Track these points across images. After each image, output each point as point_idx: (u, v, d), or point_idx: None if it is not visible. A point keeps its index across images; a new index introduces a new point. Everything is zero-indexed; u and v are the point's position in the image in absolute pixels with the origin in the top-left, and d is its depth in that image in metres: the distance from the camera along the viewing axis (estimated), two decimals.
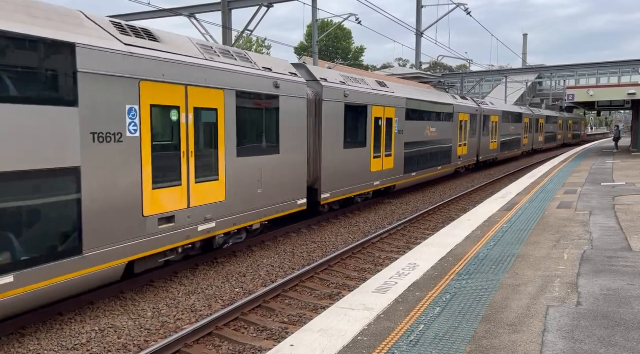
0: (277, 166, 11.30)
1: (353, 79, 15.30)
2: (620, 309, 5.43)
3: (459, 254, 7.83)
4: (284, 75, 11.52)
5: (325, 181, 13.46)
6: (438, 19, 45.58)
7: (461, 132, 24.23)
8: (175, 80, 8.39)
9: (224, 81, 9.53)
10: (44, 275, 6.51)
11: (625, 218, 10.39)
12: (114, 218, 7.45)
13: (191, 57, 8.87)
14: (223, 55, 9.91)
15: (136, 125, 7.80)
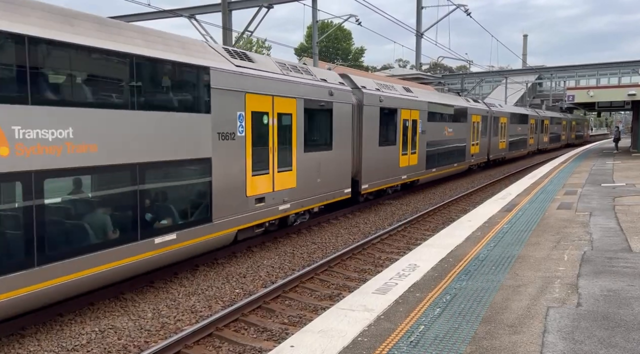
0: (330, 160, 13.63)
1: (385, 85, 17.56)
2: (621, 310, 5.43)
3: (459, 255, 7.83)
4: (335, 85, 13.87)
5: (365, 173, 15.65)
6: (438, 20, 45.61)
7: (474, 132, 26.22)
8: (266, 92, 10.83)
9: (296, 91, 11.88)
10: (191, 235, 8.92)
11: (625, 219, 10.39)
12: (229, 196, 9.87)
13: (274, 73, 11.25)
14: (293, 70, 12.28)
15: (243, 127, 10.16)
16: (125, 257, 7.69)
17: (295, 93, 11.81)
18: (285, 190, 11.66)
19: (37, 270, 6.48)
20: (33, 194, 6.42)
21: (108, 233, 7.55)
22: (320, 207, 13.61)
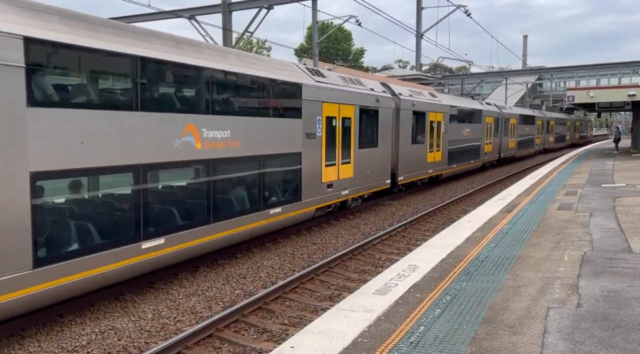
0: (376, 156, 16.38)
1: (415, 92, 20.73)
2: (621, 310, 5.42)
3: (459, 256, 7.83)
4: (380, 93, 16.73)
5: (401, 167, 18.42)
6: (438, 21, 45.55)
7: (487, 132, 28.89)
8: (334, 101, 13.61)
9: (354, 99, 14.67)
10: (289, 209, 11.79)
11: (625, 219, 10.39)
12: (311, 182, 12.72)
13: (339, 86, 14.11)
14: (350, 82, 15.14)
15: (320, 128, 13.00)
16: (254, 222, 10.62)
17: (353, 101, 14.66)
18: (346, 179, 14.55)
19: (211, 226, 9.40)
20: (210, 174, 9.41)
21: (246, 204, 10.48)
22: (369, 194, 16.58)
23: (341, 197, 14.36)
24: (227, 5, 19.79)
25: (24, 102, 6.30)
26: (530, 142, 40.22)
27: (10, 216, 6.19)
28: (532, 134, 40.84)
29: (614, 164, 24.53)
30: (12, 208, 6.22)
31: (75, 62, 7.15)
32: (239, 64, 10.21)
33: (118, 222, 7.74)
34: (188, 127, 8.81)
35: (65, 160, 6.82)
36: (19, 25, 6.28)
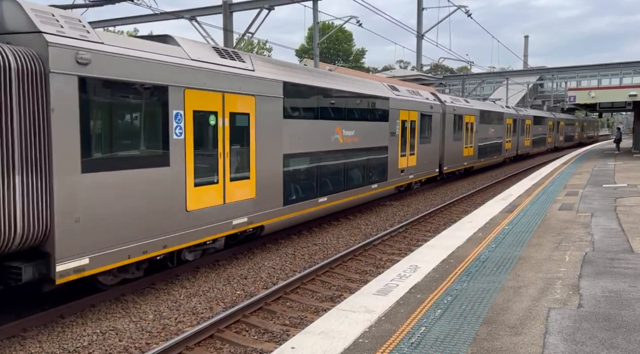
0: (430, 150, 20.89)
1: (455, 99, 25.58)
2: (622, 311, 5.42)
3: (460, 256, 7.82)
4: (432, 101, 21.22)
5: (445, 159, 22.72)
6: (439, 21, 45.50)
7: (507, 132, 33.40)
8: (405, 108, 18.28)
9: (417, 107, 19.28)
10: (380, 186, 16.35)
11: (626, 220, 10.38)
12: (392, 167, 17.25)
13: (408, 97, 18.77)
14: (414, 93, 19.93)
15: (397, 128, 17.46)
16: (364, 193, 15.54)
17: (416, 108, 19.28)
18: (411, 166, 19.06)
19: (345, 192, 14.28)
20: (345, 159, 14.22)
21: (361, 179, 15.25)
22: (425, 179, 21.23)
23: (409, 180, 19.08)
24: (228, 6, 19.81)
25: (281, 116, 11.33)
26: (543, 141, 45.09)
27: (277, 178, 11.34)
28: (545, 133, 45.71)
29: (615, 164, 24.50)
30: (278, 174, 11.36)
31: (300, 94, 12.24)
32: (356, 86, 15.15)
33: (312, 185, 12.81)
34: (337, 129, 13.75)
35: (294, 148, 11.94)
36: (281, 75, 11.47)
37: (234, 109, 9.87)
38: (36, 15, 6.80)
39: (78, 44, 6.95)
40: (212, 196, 9.39)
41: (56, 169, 6.74)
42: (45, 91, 6.63)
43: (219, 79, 9.32)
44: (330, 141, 13.34)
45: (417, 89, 22.03)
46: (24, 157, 6.44)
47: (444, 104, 22.53)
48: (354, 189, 14.72)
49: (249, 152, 10.36)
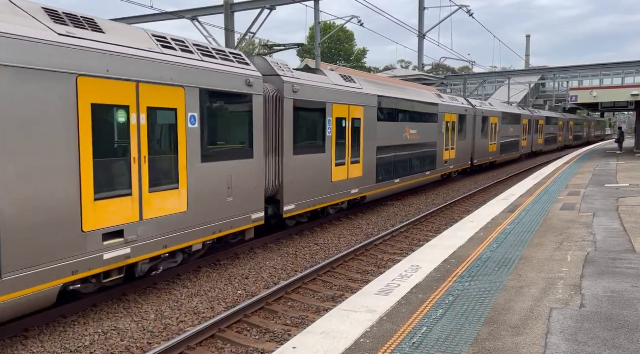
0: (465, 146, 25.01)
1: (482, 103, 29.80)
2: (624, 311, 5.41)
3: (461, 256, 7.81)
4: (467, 105, 25.48)
5: (476, 154, 26.96)
6: (440, 21, 45.46)
7: (524, 131, 37.62)
8: (449, 112, 22.04)
9: (456, 110, 23.26)
10: (432, 174, 20.64)
11: (629, 220, 10.36)
12: (439, 159, 21.12)
13: (449, 103, 22.60)
14: (453, 100, 24.05)
15: (443, 127, 21.41)
16: (420, 178, 19.41)
17: (456, 111, 23.48)
18: (452, 159, 23.21)
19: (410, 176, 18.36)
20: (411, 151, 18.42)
21: (419, 168, 19.17)
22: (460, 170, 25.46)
23: (450, 170, 23.18)
24: (230, 6, 19.81)
25: (376, 120, 15.66)
26: (554, 140, 49.30)
27: (373, 163, 15.61)
28: (556, 133, 49.93)
29: (617, 164, 24.45)
30: (374, 161, 15.62)
31: (386, 103, 16.32)
32: (417, 95, 19.47)
33: (391, 169, 16.95)
34: (406, 129, 18.04)
35: (383, 141, 16.20)
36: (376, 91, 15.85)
37: (354, 115, 14.71)
38: (275, 65, 11.73)
39: (293, 80, 11.85)
40: (342, 173, 14.19)
41: (285, 152, 11.57)
42: (281, 108, 11.44)
43: (347, 96, 14.13)
44: (402, 137, 17.87)
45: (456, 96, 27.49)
46: (273, 146, 11.35)
47: (474, 108, 26.88)
48: (415, 174, 19.10)
49: (360, 145, 15.03)
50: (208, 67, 9.06)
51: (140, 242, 7.82)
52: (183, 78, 8.45)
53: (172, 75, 8.27)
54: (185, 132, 8.59)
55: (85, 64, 6.88)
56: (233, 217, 9.85)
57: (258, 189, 10.58)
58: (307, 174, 12.39)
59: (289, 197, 11.77)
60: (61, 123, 6.60)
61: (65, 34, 6.78)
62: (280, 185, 11.55)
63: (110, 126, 7.35)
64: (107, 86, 7.22)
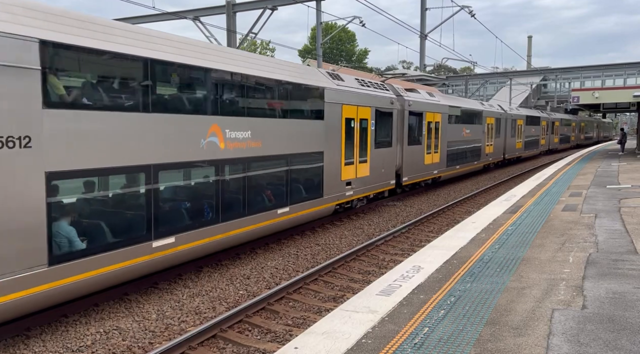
0: (498, 143, 30.49)
1: (511, 108, 35.95)
2: (626, 312, 5.40)
3: (463, 257, 7.81)
4: (499, 110, 31.22)
5: (506, 150, 32.88)
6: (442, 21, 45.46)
7: (542, 131, 43.90)
8: (491, 116, 29.19)
9: (493, 115, 29.25)
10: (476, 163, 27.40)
11: (630, 221, 10.34)
12: (482, 152, 28.09)
13: (489, 108, 29.39)
14: (490, 106, 30.46)
15: (485, 128, 28.04)
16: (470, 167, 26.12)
17: (493, 115, 29.01)
18: (490, 153, 28.93)
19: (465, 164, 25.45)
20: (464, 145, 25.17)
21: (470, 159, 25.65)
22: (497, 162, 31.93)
23: (489, 161, 29.59)
24: (232, 7, 19.83)
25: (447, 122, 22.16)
26: (567, 139, 54.99)
27: (445, 153, 22.02)
28: (570, 133, 56.10)
29: (619, 165, 24.42)
30: (445, 152, 22.00)
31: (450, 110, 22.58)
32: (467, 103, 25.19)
33: (454, 158, 22.74)
34: (463, 129, 24.04)
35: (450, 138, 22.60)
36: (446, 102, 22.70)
37: (436, 119, 20.81)
38: (400, 89, 18.18)
39: (408, 99, 18.29)
40: (430, 159, 20.50)
41: (404, 144, 18.00)
42: (403, 116, 17.75)
43: (433, 107, 20.54)
44: (461, 135, 23.67)
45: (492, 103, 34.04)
46: (398, 140, 17.59)
47: (506, 112, 32.81)
48: (468, 162, 25.35)
49: (439, 140, 21.25)
50: (377, 95, 15.89)
51: (356, 189, 14.84)
52: (370, 102, 15.33)
53: (366, 101, 15.15)
54: (369, 131, 15.38)
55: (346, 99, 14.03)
56: (383, 181, 16.72)
57: (392, 166, 17.31)
58: (413, 158, 18.97)
59: (405, 172, 18.40)
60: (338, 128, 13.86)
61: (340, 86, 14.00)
62: (401, 164, 18.10)
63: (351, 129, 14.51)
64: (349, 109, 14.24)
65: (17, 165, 6.16)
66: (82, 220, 7.17)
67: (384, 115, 16.25)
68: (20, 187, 6.21)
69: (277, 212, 11.08)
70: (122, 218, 7.72)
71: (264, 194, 10.91)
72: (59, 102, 6.72)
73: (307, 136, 12.18)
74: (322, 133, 12.80)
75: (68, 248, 6.88)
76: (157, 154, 7.99)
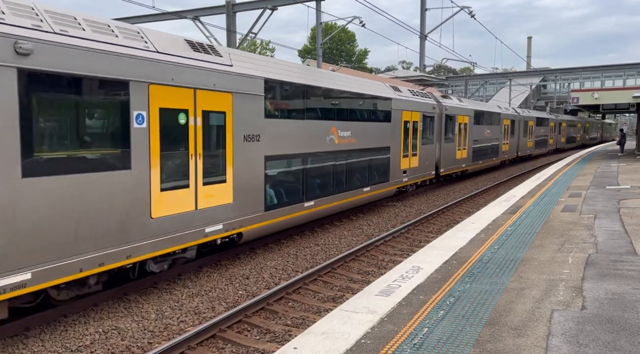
0: (513, 142, 34.80)
1: (523, 110, 39.54)
2: (625, 313, 5.40)
3: (462, 257, 7.81)
4: (514, 112, 35.11)
5: (519, 148, 36.37)
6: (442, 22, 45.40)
7: (551, 131, 47.71)
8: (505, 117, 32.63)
9: (508, 117, 32.93)
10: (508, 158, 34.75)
11: (630, 222, 10.35)
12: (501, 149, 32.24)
13: (514, 113, 35.43)
14: (506, 110, 33.45)
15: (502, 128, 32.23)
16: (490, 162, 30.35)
17: (508, 117, 32.43)
18: (506, 151, 32.57)
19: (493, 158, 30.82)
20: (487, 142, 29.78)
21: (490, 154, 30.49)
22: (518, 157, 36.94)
23: (505, 158, 33.28)
24: (231, 6, 19.82)
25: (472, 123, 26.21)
26: (573, 139, 59.26)
27: (471, 150, 25.97)
28: (575, 133, 60.37)
29: (618, 166, 24.44)
30: (471, 149, 25.94)
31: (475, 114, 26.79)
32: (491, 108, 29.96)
33: (478, 154, 26.98)
34: (485, 129, 28.21)
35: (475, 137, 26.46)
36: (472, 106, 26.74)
37: (464, 121, 24.57)
38: (438, 96, 22.66)
39: (445, 104, 22.20)
40: (459, 154, 24.14)
41: (442, 142, 21.77)
42: (441, 120, 21.65)
43: (461, 110, 24.07)
44: (483, 134, 27.93)
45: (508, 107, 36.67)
46: (437, 138, 21.31)
47: (519, 114, 36.40)
48: (488, 158, 29.43)
49: (466, 138, 24.96)
50: (423, 102, 19.61)
51: (409, 177, 18.51)
52: (419, 108, 19.05)
53: (417, 107, 18.90)
54: (419, 131, 19.08)
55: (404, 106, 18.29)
56: (427, 172, 20.38)
57: (433, 159, 20.88)
58: (447, 153, 22.56)
59: (442, 165, 21.96)
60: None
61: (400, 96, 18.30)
62: (439, 158, 21.61)
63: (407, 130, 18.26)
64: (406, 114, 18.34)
65: (255, 151, 10.37)
66: (277, 186, 11.21)
67: (428, 118, 20.18)
68: (256, 163, 10.44)
69: (363, 190, 15.04)
70: (294, 186, 11.87)
71: (358, 176, 14.77)
72: (270, 115, 10.89)
73: (381, 134, 16.09)
74: (389, 132, 16.65)
75: (270, 202, 10.97)
76: (307, 146, 12.22)
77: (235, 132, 9.69)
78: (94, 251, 7.06)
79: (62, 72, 6.62)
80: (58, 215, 6.59)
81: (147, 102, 7.85)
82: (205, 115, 8.99)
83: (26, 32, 6.22)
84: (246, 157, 10.05)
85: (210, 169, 9.17)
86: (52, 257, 6.53)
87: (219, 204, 9.37)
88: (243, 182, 9.92)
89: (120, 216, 7.43)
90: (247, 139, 10.08)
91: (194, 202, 8.80)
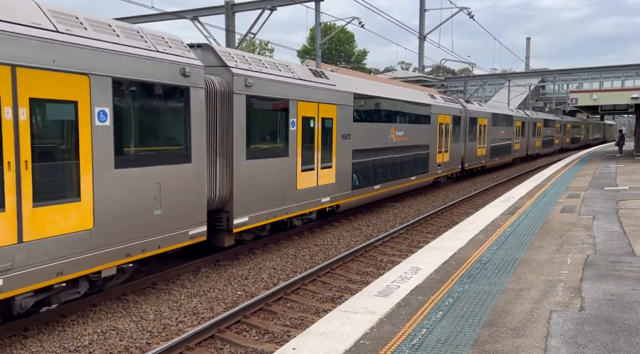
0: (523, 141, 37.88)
1: (532, 113, 41.44)
2: (624, 314, 5.40)
3: (461, 258, 7.81)
4: (524, 115, 38.12)
5: (529, 147, 40.06)
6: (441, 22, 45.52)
7: (556, 132, 49.95)
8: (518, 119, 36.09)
9: (520, 119, 36.80)
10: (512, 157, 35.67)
11: (628, 223, 10.36)
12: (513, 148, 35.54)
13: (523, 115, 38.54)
14: (517, 111, 38.16)
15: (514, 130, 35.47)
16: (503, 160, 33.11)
17: (520, 119, 35.55)
18: (517, 149, 35.30)
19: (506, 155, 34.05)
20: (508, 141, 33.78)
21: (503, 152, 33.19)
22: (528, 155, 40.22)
23: (517, 156, 35.86)
24: (230, 7, 19.81)
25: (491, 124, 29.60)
26: (577, 139, 62.52)
27: (488, 149, 29.12)
28: (579, 134, 64.16)
29: (617, 167, 24.47)
30: (488, 148, 29.07)
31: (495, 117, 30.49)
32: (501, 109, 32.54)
33: (493, 153, 29.86)
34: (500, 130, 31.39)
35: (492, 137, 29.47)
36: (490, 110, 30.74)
37: (482, 123, 26.88)
38: (462, 101, 26.38)
39: (468, 107, 25.75)
40: (479, 152, 27.14)
41: (466, 140, 25.22)
42: (466, 122, 25.28)
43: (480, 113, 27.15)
44: (498, 135, 30.46)
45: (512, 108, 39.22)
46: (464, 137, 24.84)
47: (528, 116, 39.14)
48: (502, 157, 31.92)
49: (485, 138, 27.59)
50: (453, 107, 22.67)
51: (442, 169, 22.00)
52: (450, 112, 22.09)
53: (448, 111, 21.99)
54: (449, 132, 22.30)
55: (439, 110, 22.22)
56: (455, 166, 23.57)
57: (459, 155, 23.98)
58: (470, 151, 25.74)
59: (467, 160, 25.12)
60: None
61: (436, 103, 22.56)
62: (464, 154, 24.77)
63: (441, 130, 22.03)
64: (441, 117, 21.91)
65: (347, 146, 14.13)
66: (359, 172, 14.81)
67: (456, 120, 23.61)
68: (348, 155, 14.20)
69: (410, 178, 18.44)
70: (368, 173, 15.37)
71: (407, 167, 18.12)
72: (356, 119, 14.50)
73: (423, 134, 19.56)
74: (429, 132, 20.08)
75: (355, 184, 14.64)
76: (376, 142, 15.80)
77: (337, 132, 13.62)
78: (272, 208, 11.17)
79: (264, 96, 10.76)
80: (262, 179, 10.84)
81: (296, 112, 11.88)
82: (322, 121, 12.97)
83: (247, 73, 10.22)
84: (343, 150, 13.89)
85: (324, 158, 13.12)
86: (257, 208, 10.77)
87: (328, 183, 13.33)
88: (341, 168, 13.86)
89: (282, 187, 11.47)
90: (344, 137, 13.95)
91: (316, 180, 12.89)
